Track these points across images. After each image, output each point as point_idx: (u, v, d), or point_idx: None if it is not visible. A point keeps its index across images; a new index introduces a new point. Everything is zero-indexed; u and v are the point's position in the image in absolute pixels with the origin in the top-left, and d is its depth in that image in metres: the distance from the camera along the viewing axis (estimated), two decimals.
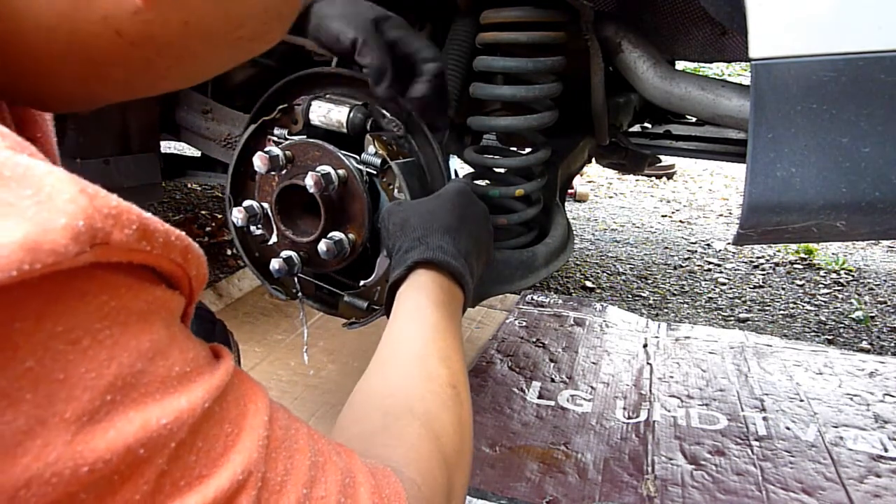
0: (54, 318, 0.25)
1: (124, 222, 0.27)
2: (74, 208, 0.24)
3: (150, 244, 0.28)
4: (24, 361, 0.24)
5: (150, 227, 0.28)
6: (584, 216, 3.23)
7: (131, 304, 0.28)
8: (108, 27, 0.33)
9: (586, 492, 1.11)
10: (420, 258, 0.68)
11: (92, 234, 0.25)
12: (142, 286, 0.29)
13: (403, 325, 0.63)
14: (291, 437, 0.36)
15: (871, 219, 0.75)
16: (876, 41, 0.69)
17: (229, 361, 0.34)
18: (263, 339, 1.65)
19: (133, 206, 0.28)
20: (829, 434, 1.29)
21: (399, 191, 0.88)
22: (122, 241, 0.26)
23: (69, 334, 0.26)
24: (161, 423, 0.28)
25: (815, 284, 2.35)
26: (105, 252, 0.26)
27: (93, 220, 0.25)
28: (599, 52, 1.07)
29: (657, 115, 1.90)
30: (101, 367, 0.26)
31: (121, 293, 0.28)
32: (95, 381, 0.26)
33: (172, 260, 0.30)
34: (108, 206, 0.26)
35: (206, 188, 3.23)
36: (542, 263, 1.09)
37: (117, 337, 0.27)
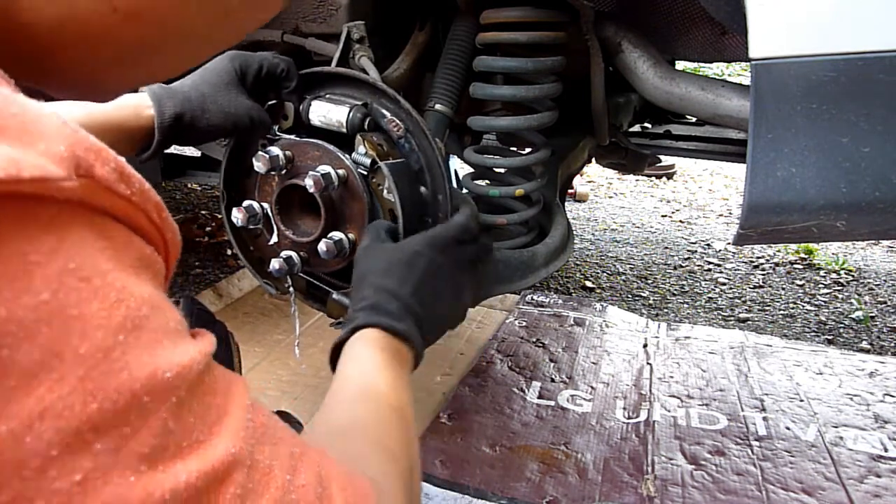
0: (65, 254, 0.25)
1: (104, 159, 0.27)
2: (57, 135, 0.25)
3: (128, 187, 0.28)
4: (40, 293, 0.24)
5: (127, 171, 0.28)
6: (584, 216, 3.23)
7: (126, 255, 0.28)
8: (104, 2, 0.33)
9: (586, 492, 1.11)
10: (363, 322, 0.69)
11: (75, 163, 0.25)
12: (132, 240, 0.29)
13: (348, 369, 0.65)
14: (273, 425, 0.36)
15: (871, 219, 0.75)
16: (876, 41, 0.69)
17: (211, 336, 0.34)
18: (263, 339, 1.65)
19: (110, 149, 0.28)
20: (829, 434, 1.29)
21: (388, 192, 0.87)
22: (103, 176, 0.27)
23: (81, 271, 0.26)
24: (165, 377, 0.28)
25: (815, 284, 2.35)
26: (90, 188, 0.26)
27: (75, 148, 0.25)
28: (599, 52, 1.07)
29: (657, 115, 1.90)
30: (112, 307, 0.26)
31: (117, 244, 0.28)
32: (107, 319, 0.26)
33: (149, 216, 0.30)
34: (90, 142, 0.27)
35: (206, 188, 3.23)
36: (542, 263, 1.09)
37: (123, 281, 0.27)
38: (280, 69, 0.89)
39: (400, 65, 1.13)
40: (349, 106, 0.89)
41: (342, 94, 0.94)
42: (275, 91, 0.93)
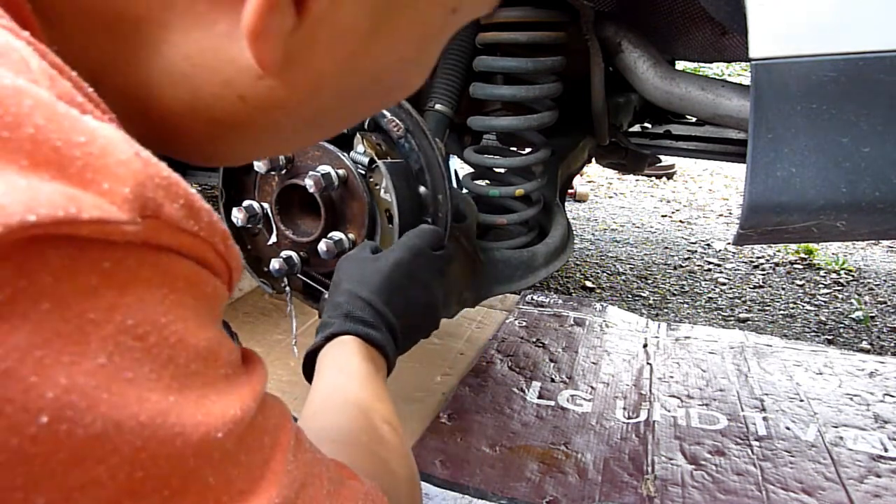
0: (124, 310, 0.23)
1: (173, 195, 0.24)
2: (125, 172, 0.22)
3: (196, 223, 0.26)
4: (97, 357, 0.22)
5: (196, 204, 0.26)
6: (584, 216, 3.23)
7: (188, 299, 0.26)
8: (230, 91, 0.31)
9: (586, 492, 1.11)
10: (337, 330, 0.69)
11: (142, 204, 0.23)
12: (197, 278, 0.27)
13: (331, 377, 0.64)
14: (311, 458, 0.34)
15: (871, 219, 0.75)
16: (876, 41, 0.69)
17: (262, 364, 0.32)
18: (263, 339, 1.65)
19: (180, 178, 0.26)
20: (829, 434, 1.29)
21: (385, 191, 0.87)
22: (171, 215, 0.24)
23: (137, 329, 0.23)
24: (217, 437, 0.26)
25: (815, 284, 2.35)
26: (155, 228, 0.24)
27: (143, 188, 0.23)
28: (599, 52, 1.07)
29: (657, 115, 1.90)
30: (163, 367, 0.24)
31: (179, 286, 0.26)
32: (157, 382, 0.24)
33: (215, 248, 0.28)
34: (160, 175, 0.24)
35: (206, 188, 3.23)
36: (542, 263, 1.09)
37: (181, 333, 0.25)
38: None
39: None
40: None
41: None
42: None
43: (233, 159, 0.38)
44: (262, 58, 0.29)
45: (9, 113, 0.20)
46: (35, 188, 0.20)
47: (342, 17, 0.30)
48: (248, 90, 0.31)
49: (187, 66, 0.30)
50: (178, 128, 0.33)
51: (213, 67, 0.30)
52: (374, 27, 0.31)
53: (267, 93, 0.31)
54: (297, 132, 0.36)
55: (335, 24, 0.30)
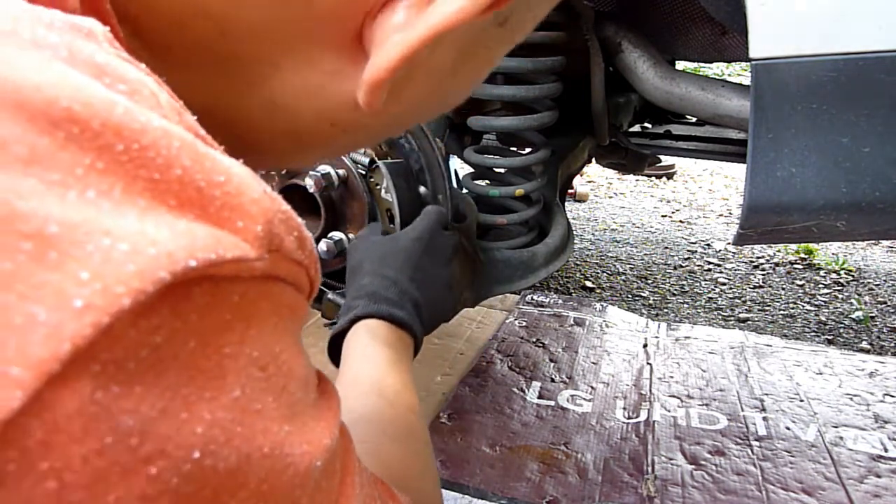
0: (251, 342, 0.23)
1: (292, 227, 0.25)
2: (259, 210, 0.23)
3: (303, 252, 0.27)
4: (233, 391, 0.22)
5: (304, 234, 0.27)
6: (584, 216, 3.23)
7: (291, 325, 0.26)
8: (323, 119, 0.33)
9: (586, 492, 1.11)
10: (363, 312, 0.69)
11: (270, 239, 0.24)
12: (296, 304, 0.27)
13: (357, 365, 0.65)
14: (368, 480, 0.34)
15: (871, 219, 0.75)
16: (876, 41, 0.69)
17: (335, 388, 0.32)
18: None
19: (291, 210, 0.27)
20: (829, 434, 1.29)
21: (386, 191, 0.87)
22: (289, 248, 0.25)
23: (260, 360, 0.24)
24: (316, 465, 0.26)
25: (815, 284, 2.35)
26: (276, 261, 0.24)
27: (272, 224, 0.24)
28: (599, 52, 1.07)
29: (657, 115, 1.90)
30: (280, 396, 0.25)
31: (285, 313, 0.26)
32: (277, 411, 0.24)
33: (310, 273, 0.28)
34: (283, 210, 0.25)
35: None
36: (542, 263, 1.09)
37: (290, 363, 0.26)
38: None
39: None
40: None
41: None
42: None
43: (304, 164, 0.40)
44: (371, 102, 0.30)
45: (160, 155, 0.21)
46: (192, 232, 0.21)
47: (435, 59, 0.31)
48: (341, 118, 0.32)
49: (290, 100, 0.31)
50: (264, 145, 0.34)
51: (314, 101, 0.31)
52: (457, 65, 0.33)
53: (357, 119, 0.33)
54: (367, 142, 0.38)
55: (429, 65, 0.32)
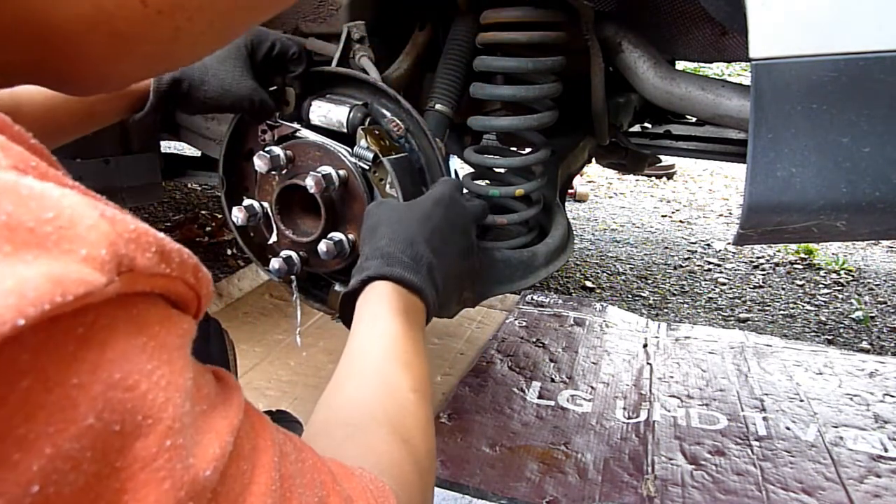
0: (108, 366, 0.23)
1: (144, 245, 0.25)
2: (97, 236, 0.23)
3: (168, 265, 0.27)
4: (86, 419, 0.23)
5: (167, 248, 0.27)
6: (584, 216, 3.23)
7: (168, 341, 0.27)
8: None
9: (586, 492, 1.11)
10: (375, 273, 0.67)
11: (117, 262, 0.23)
12: (171, 320, 0.27)
13: (363, 338, 0.63)
14: (301, 471, 0.34)
15: (872, 219, 0.75)
16: (876, 41, 0.69)
17: (240, 392, 0.32)
18: (263, 339, 1.64)
19: (148, 226, 0.26)
20: (829, 434, 1.29)
21: (391, 186, 0.87)
22: (145, 265, 0.25)
23: (126, 381, 0.24)
24: (205, 475, 0.26)
25: (815, 284, 2.35)
26: (131, 280, 0.24)
27: (116, 246, 0.24)
28: (599, 52, 1.07)
29: (657, 115, 1.90)
30: (160, 410, 0.25)
31: (156, 331, 0.26)
32: (152, 427, 0.24)
33: (186, 281, 0.28)
34: (128, 229, 0.25)
35: (206, 188, 3.23)
36: (542, 263, 1.09)
37: (168, 377, 0.26)
38: (292, 51, 0.88)
39: (400, 65, 1.13)
40: (349, 106, 0.89)
41: (342, 93, 0.94)
42: (280, 74, 0.92)
43: (130, 79, 0.38)
44: None
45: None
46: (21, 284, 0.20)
47: None
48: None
49: None
50: (77, 48, 0.33)
51: None
52: None
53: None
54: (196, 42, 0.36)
55: None
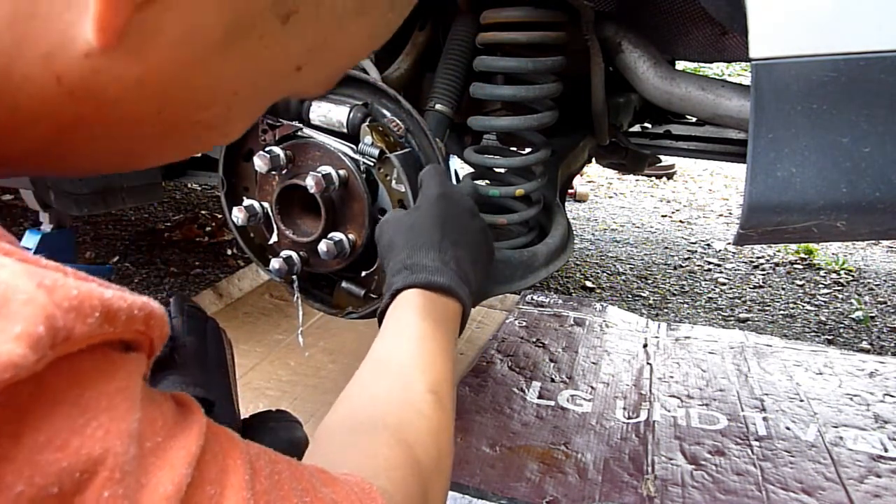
0: (32, 431, 0.23)
1: (86, 311, 0.24)
2: (33, 311, 0.22)
3: (112, 325, 0.25)
4: (14, 487, 0.22)
5: (113, 309, 0.25)
6: (584, 216, 3.23)
7: (107, 387, 0.26)
8: (48, 68, 0.27)
9: (586, 492, 1.11)
10: (402, 285, 0.68)
11: (53, 336, 0.22)
12: (114, 365, 0.26)
13: (386, 342, 0.63)
14: (276, 484, 0.33)
15: (872, 219, 0.75)
16: (876, 41, 0.69)
17: (200, 415, 0.31)
18: (263, 339, 1.64)
19: (93, 287, 0.25)
20: (829, 434, 1.29)
21: (397, 181, 0.87)
22: (84, 332, 0.24)
23: (54, 441, 0.23)
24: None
25: (815, 284, 2.35)
26: (66, 348, 0.24)
27: (53, 319, 0.22)
28: (599, 52, 1.07)
29: (657, 115, 1.90)
30: (97, 463, 0.24)
31: (93, 382, 0.25)
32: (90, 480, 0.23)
33: (136, 331, 0.27)
34: (69, 297, 0.23)
35: (206, 188, 3.23)
36: (542, 263, 1.09)
37: (107, 425, 0.25)
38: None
39: (400, 65, 1.13)
40: (349, 105, 0.89)
41: (342, 93, 0.94)
42: None
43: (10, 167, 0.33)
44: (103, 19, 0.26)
45: None
46: None
47: (196, 17, 0.28)
48: (70, 69, 0.27)
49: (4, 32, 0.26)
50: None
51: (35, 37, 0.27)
52: (224, 43, 0.30)
53: (89, 76, 0.28)
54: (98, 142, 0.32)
55: (185, 20, 0.28)
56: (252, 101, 0.35)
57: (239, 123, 0.36)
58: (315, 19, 0.32)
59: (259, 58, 0.32)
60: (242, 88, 0.33)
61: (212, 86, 0.31)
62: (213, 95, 0.32)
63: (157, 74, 0.29)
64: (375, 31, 0.38)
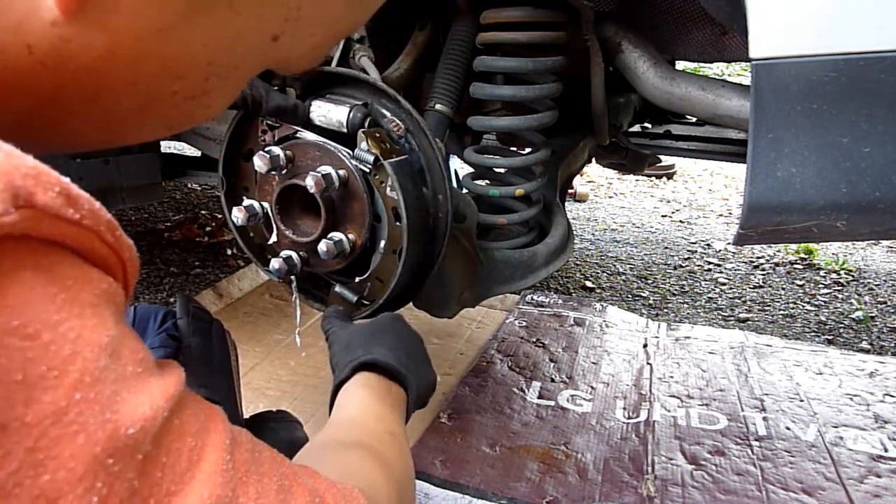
0: (7, 311, 0.23)
1: (45, 184, 0.24)
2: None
3: (76, 210, 0.25)
4: None
5: (73, 192, 0.25)
6: (584, 216, 3.22)
7: (82, 296, 0.26)
8: (19, 37, 0.28)
9: (586, 492, 1.11)
10: (365, 360, 0.72)
11: (13, 193, 0.22)
12: (88, 276, 0.26)
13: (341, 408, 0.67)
14: (256, 459, 0.34)
15: (871, 219, 0.75)
16: (876, 41, 0.69)
17: (179, 370, 0.32)
18: (263, 339, 1.64)
19: (51, 170, 0.25)
20: (829, 434, 1.29)
21: (391, 189, 0.87)
22: (46, 203, 0.24)
23: (26, 328, 0.23)
24: (128, 433, 0.25)
25: (815, 284, 2.35)
26: (33, 219, 0.23)
27: (11, 177, 0.22)
28: (599, 52, 1.07)
29: (657, 115, 1.90)
30: (65, 362, 0.24)
31: (69, 284, 0.25)
32: (58, 379, 0.24)
33: (103, 238, 0.27)
34: (26, 164, 0.24)
35: (206, 188, 3.23)
36: (542, 263, 1.09)
37: (78, 330, 0.25)
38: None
39: (400, 65, 1.13)
40: (349, 106, 0.89)
41: (342, 93, 0.94)
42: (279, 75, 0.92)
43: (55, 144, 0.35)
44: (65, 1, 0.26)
45: None
46: None
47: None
48: (39, 38, 0.28)
49: None
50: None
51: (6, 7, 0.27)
52: (191, 11, 0.30)
53: (58, 44, 0.28)
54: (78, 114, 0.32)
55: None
56: (231, 72, 0.35)
57: (220, 95, 0.36)
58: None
59: (231, 26, 0.32)
60: (217, 57, 0.33)
61: (183, 54, 0.31)
62: (185, 64, 0.32)
63: (124, 43, 0.29)
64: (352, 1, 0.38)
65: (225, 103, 0.37)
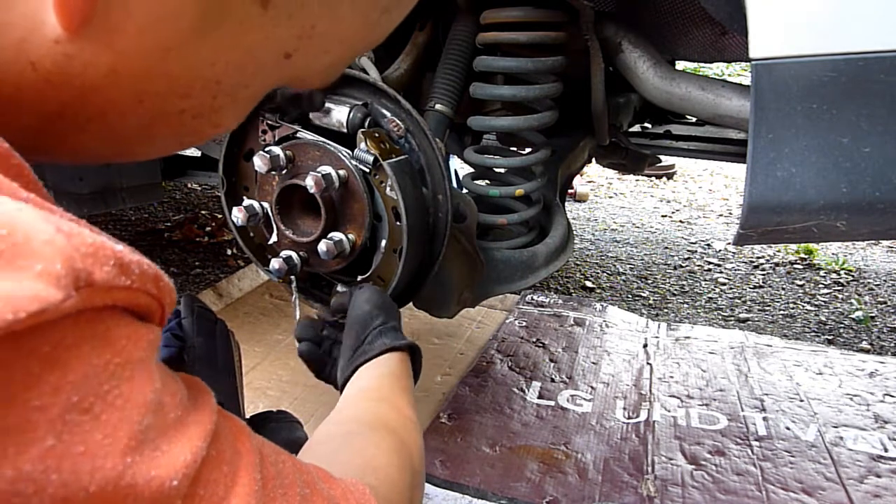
0: (69, 388, 0.24)
1: (102, 259, 0.25)
2: (52, 251, 0.23)
3: (128, 277, 0.26)
4: (45, 441, 0.23)
5: (126, 260, 0.26)
6: (584, 216, 3.22)
7: (132, 355, 0.27)
8: (22, 54, 0.28)
9: (586, 492, 1.11)
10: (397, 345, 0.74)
11: (74, 277, 0.23)
12: (137, 334, 0.27)
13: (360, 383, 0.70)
14: (281, 472, 0.35)
15: (871, 219, 0.75)
16: (876, 41, 0.69)
17: (211, 399, 0.33)
18: (263, 339, 1.64)
19: (105, 239, 0.26)
20: (829, 434, 1.29)
21: (391, 189, 0.87)
22: (103, 279, 0.25)
23: (83, 403, 0.24)
24: (172, 485, 0.27)
25: (815, 284, 2.35)
26: (90, 295, 0.24)
27: (72, 260, 0.23)
28: (599, 52, 1.07)
29: (657, 115, 1.90)
30: (116, 430, 0.25)
31: (121, 346, 0.26)
32: (112, 446, 0.25)
33: (148, 292, 0.28)
34: (85, 243, 0.24)
35: (206, 188, 3.23)
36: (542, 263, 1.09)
37: (127, 395, 0.26)
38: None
39: (400, 65, 1.13)
40: (349, 106, 0.89)
41: (342, 93, 0.94)
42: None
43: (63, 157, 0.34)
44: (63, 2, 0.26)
45: None
46: None
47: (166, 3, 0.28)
48: (43, 55, 0.28)
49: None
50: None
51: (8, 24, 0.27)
52: (199, 30, 0.29)
53: (62, 62, 0.28)
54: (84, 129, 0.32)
55: (155, 6, 0.28)
56: (240, 90, 0.34)
57: (229, 113, 0.35)
58: (299, 5, 0.32)
59: (241, 45, 0.31)
60: (226, 77, 0.32)
61: (189, 74, 0.31)
62: (192, 83, 0.31)
63: (130, 62, 0.29)
64: (370, 17, 0.37)
65: (236, 120, 0.36)
